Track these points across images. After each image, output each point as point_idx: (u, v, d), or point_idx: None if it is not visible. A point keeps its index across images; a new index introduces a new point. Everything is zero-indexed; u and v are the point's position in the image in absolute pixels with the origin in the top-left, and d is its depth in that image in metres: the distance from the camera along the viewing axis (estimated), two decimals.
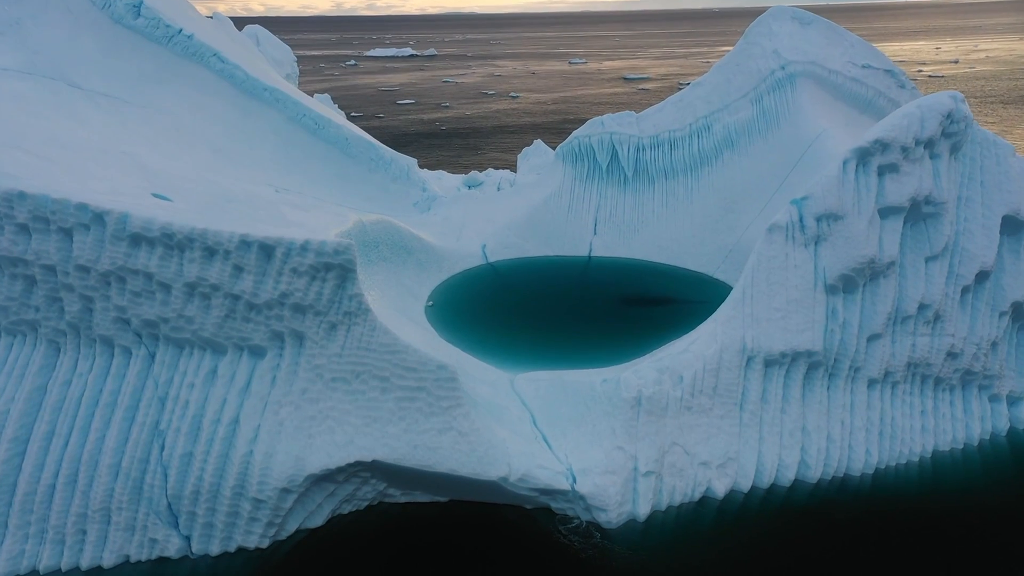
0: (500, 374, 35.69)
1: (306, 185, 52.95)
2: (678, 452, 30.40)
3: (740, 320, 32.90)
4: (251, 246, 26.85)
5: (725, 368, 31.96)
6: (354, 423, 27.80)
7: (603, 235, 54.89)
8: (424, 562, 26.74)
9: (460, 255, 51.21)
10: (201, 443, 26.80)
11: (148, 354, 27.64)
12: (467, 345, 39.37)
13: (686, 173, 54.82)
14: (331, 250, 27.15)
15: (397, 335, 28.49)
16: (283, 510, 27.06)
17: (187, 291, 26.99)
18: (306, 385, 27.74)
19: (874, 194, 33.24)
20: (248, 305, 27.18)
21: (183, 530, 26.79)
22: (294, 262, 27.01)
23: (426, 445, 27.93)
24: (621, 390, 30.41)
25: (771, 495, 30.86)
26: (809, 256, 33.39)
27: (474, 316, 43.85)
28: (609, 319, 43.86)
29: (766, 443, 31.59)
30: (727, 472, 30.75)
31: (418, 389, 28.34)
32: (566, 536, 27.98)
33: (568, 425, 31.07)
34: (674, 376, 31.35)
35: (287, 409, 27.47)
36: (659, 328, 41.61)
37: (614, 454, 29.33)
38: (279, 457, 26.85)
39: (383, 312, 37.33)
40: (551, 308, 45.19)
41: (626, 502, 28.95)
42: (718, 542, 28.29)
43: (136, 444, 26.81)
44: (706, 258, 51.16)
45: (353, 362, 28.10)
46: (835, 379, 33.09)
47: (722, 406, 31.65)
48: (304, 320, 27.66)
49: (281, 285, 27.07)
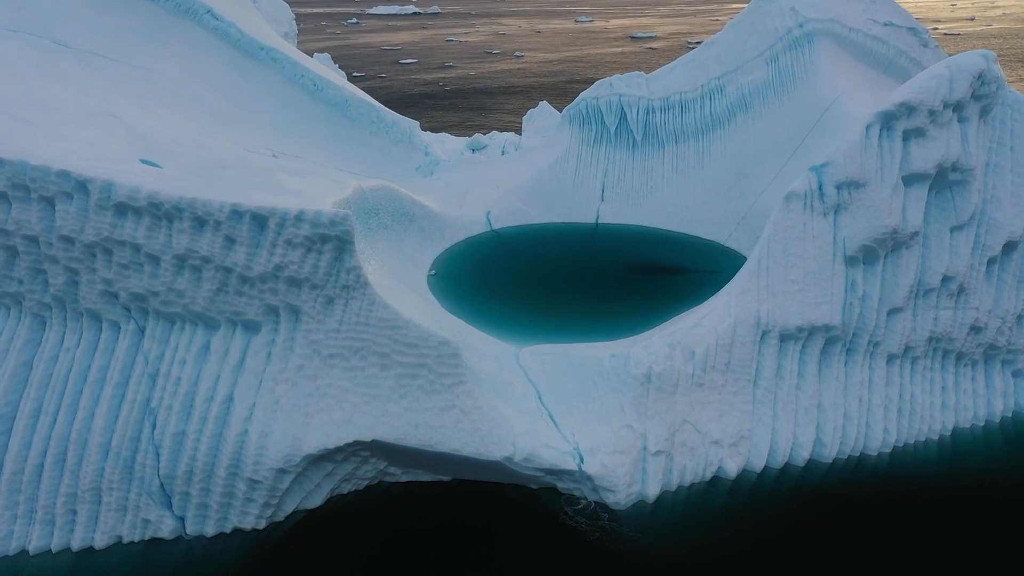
0: (504, 347, 34.61)
1: (304, 149, 51.41)
2: (689, 430, 29.41)
3: (755, 293, 31.66)
4: (243, 216, 25.59)
5: (739, 343, 30.82)
6: (353, 401, 26.80)
7: (611, 201, 53.40)
8: (426, 544, 25.96)
9: (463, 222, 49.85)
10: (194, 421, 25.86)
11: (138, 329, 26.57)
12: (470, 316, 38.26)
13: (697, 137, 53.07)
14: (327, 221, 25.87)
15: (397, 310, 27.33)
16: (280, 491, 26.21)
17: (177, 263, 25.81)
18: (302, 362, 26.69)
19: (898, 160, 31.70)
20: (241, 278, 26.01)
21: (177, 511, 25.99)
22: (288, 233, 25.76)
23: (428, 424, 26.96)
24: (630, 366, 29.31)
25: (785, 475, 29.94)
26: (828, 226, 32.00)
27: (478, 285, 42.68)
28: (617, 289, 42.65)
29: (780, 421, 30.57)
30: (739, 451, 29.80)
31: (419, 366, 27.27)
32: (572, 518, 27.14)
33: (575, 402, 30.06)
34: (685, 351, 30.23)
35: (283, 387, 26.47)
36: (668, 298, 40.43)
37: (623, 433, 28.35)
38: (275, 436, 25.92)
39: (384, 282, 36.18)
40: (557, 277, 43.98)
41: (635, 482, 28.05)
42: (729, 523, 27.45)
43: (127, 422, 25.87)
44: (717, 225, 49.71)
45: (351, 338, 27.01)
46: (853, 355, 31.94)
47: (735, 383, 30.58)
48: (300, 294, 26.50)
49: (275, 257, 25.86)
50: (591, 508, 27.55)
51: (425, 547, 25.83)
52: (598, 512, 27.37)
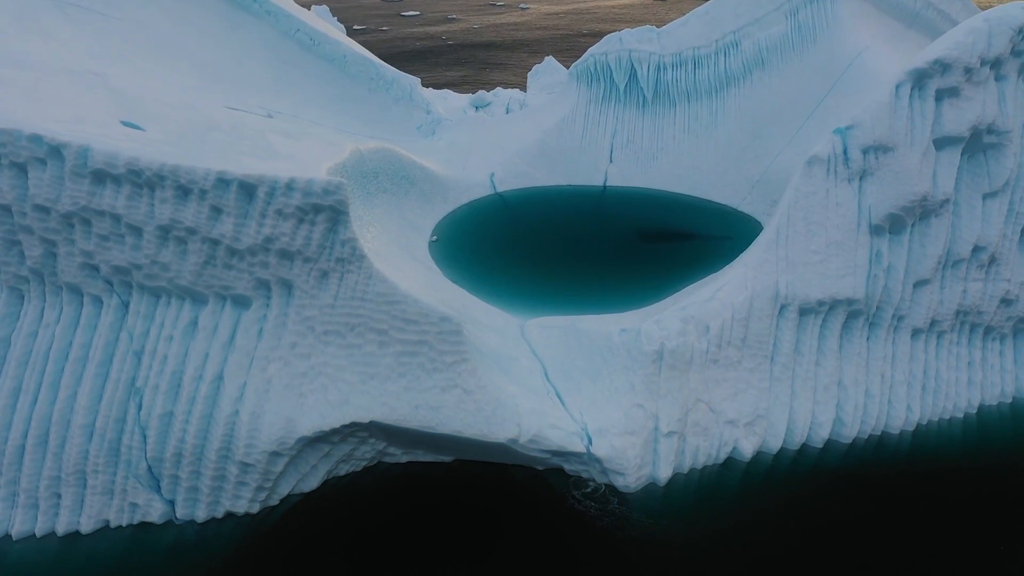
0: (509, 319, 33.22)
1: (300, 108, 49.43)
2: (702, 409, 28.13)
3: (773, 264, 30.09)
4: (230, 185, 23.99)
5: (756, 317, 29.35)
6: (349, 380, 25.51)
7: (619, 163, 51.46)
8: (426, 528, 24.92)
9: (466, 185, 48.09)
10: (182, 402, 24.62)
11: (121, 303, 25.18)
12: (474, 285, 36.81)
13: (711, 95, 50.88)
14: (320, 190, 24.26)
15: (396, 283, 25.87)
16: (273, 474, 25.09)
17: (160, 235, 24.29)
18: (296, 339, 25.33)
19: (930, 122, 29.81)
20: (229, 251, 24.52)
21: (166, 494, 24.92)
22: (279, 203, 24.19)
23: (428, 404, 25.70)
24: (642, 342, 27.92)
25: (802, 455, 28.74)
26: (853, 193, 30.27)
27: (481, 252, 41.14)
28: (626, 256, 41.06)
29: (798, 399, 29.25)
30: (755, 431, 28.54)
31: (419, 343, 25.90)
32: (580, 502, 26.03)
33: (583, 379, 28.74)
34: (700, 326, 28.79)
35: (275, 365, 25.15)
36: (680, 267, 38.88)
37: (633, 413, 27.08)
38: (267, 418, 24.69)
39: (383, 250, 34.68)
40: (563, 244, 42.38)
41: (646, 465, 26.88)
42: (744, 507, 26.35)
43: (111, 402, 24.64)
44: (731, 189, 47.85)
45: (347, 314, 25.60)
46: (876, 329, 30.47)
47: (751, 359, 29.20)
48: (292, 267, 25.02)
49: (265, 229, 24.33)
50: (600, 492, 26.43)
51: (426, 532, 24.79)
52: (607, 496, 26.25)
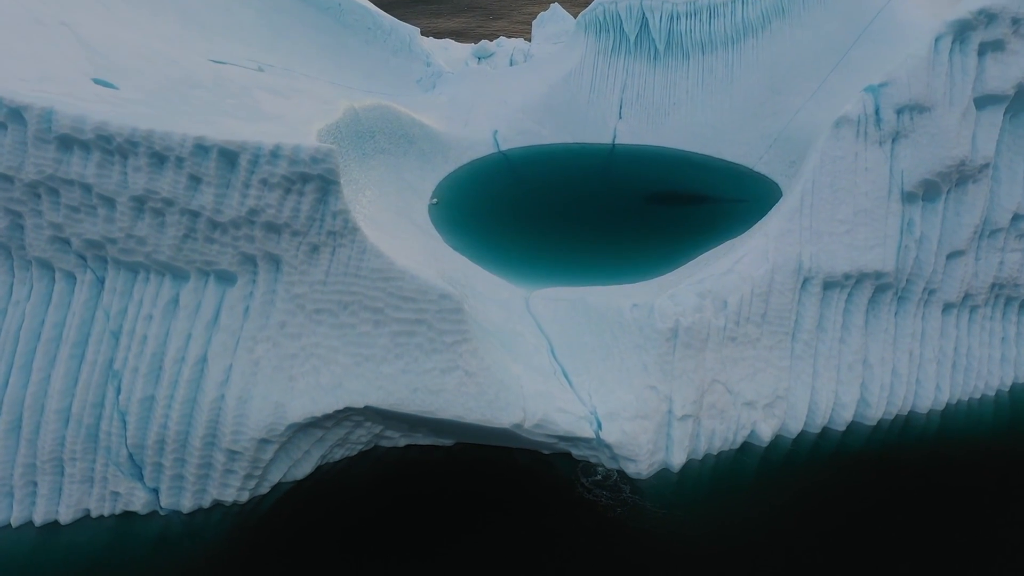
0: (513, 290, 31.50)
1: (293, 60, 46.98)
2: (719, 391, 26.59)
3: (796, 234, 28.24)
4: (209, 152, 22.08)
5: (777, 292, 27.62)
6: (343, 363, 23.93)
7: (629, 120, 49.09)
8: (425, 517, 23.64)
9: (468, 143, 45.86)
10: (163, 386, 23.09)
11: (96, 280, 23.48)
12: (476, 253, 34.99)
13: (726, 46, 48.19)
14: (308, 157, 22.33)
15: (392, 259, 24.10)
16: (263, 461, 23.70)
17: (135, 206, 22.46)
18: (285, 318, 23.68)
19: (971, 79, 27.65)
20: (210, 223, 22.72)
21: (149, 483, 23.57)
22: (263, 172, 22.29)
23: (427, 388, 24.16)
24: (655, 319, 26.24)
25: (824, 439, 27.30)
26: (884, 157, 28.25)
27: (484, 216, 39.23)
28: (635, 220, 39.11)
29: (821, 379, 27.69)
30: (774, 413, 27.04)
31: (417, 322, 24.25)
32: (590, 490, 24.67)
33: (592, 357, 27.15)
34: (717, 302, 27.08)
35: (263, 346, 23.56)
36: (692, 232, 36.93)
37: (646, 395, 25.54)
38: (255, 403, 23.18)
39: (380, 216, 32.81)
40: (570, 206, 40.39)
41: (658, 450, 25.46)
42: (762, 494, 25.02)
43: (88, 386, 23.14)
44: (747, 148, 45.54)
45: (340, 291, 23.90)
46: (905, 303, 28.74)
47: (771, 336, 27.55)
48: (279, 241, 23.25)
49: (249, 200, 22.49)
50: (611, 480, 25.04)
51: (424, 521, 23.50)
52: (618, 484, 24.88)
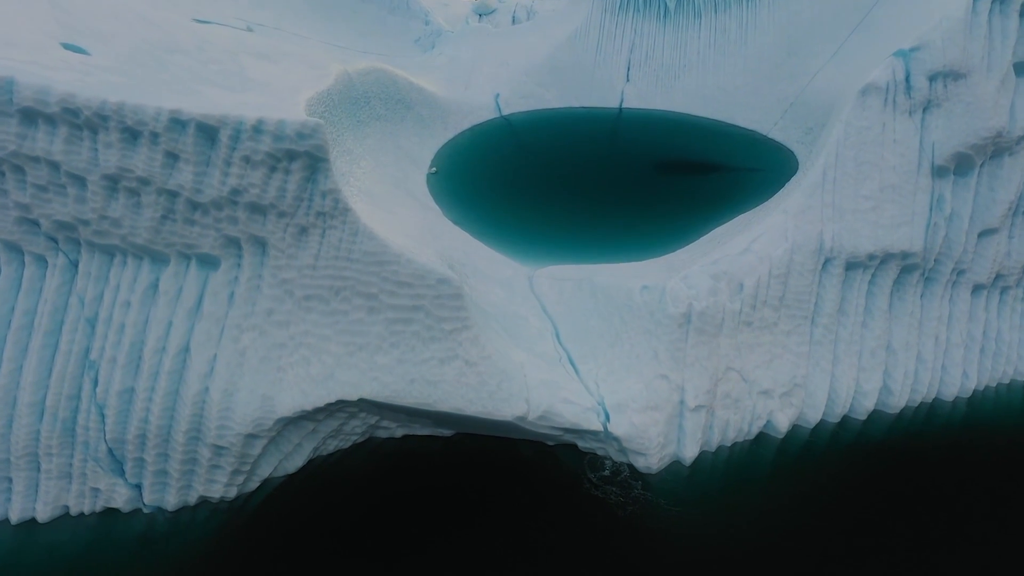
0: (516, 268, 30.05)
1: (284, 18, 44.84)
2: (734, 379, 25.24)
3: (817, 211, 26.62)
4: (186, 127, 20.39)
5: (796, 273, 26.10)
6: (335, 352, 22.55)
7: (637, 82, 47.03)
8: (422, 512, 22.45)
9: (469, 107, 43.94)
10: (143, 377, 21.74)
11: (69, 264, 21.99)
12: (477, 227, 33.46)
13: (740, 5, 45.94)
14: (293, 133, 20.66)
15: (387, 241, 22.55)
16: (251, 457, 22.46)
17: (108, 185, 20.86)
18: (272, 305, 22.23)
19: (1012, 44, 25.72)
20: (190, 204, 21.13)
21: (130, 479, 22.37)
22: (245, 148, 20.64)
23: (425, 379, 22.81)
24: (667, 304, 24.77)
25: (844, 428, 26.05)
26: (914, 128, 26.47)
27: (485, 186, 37.58)
28: (644, 191, 37.45)
29: (841, 365, 26.32)
30: (792, 402, 25.74)
31: (414, 309, 22.80)
32: (597, 486, 23.45)
33: (599, 343, 25.76)
34: (732, 284, 25.58)
35: (250, 335, 22.15)
36: (704, 205, 35.37)
37: (656, 385, 24.21)
38: (242, 396, 21.86)
39: (375, 189, 31.18)
40: (575, 176, 38.67)
41: (669, 443, 24.20)
42: (779, 488, 23.82)
43: (62, 378, 21.79)
44: (761, 113, 43.62)
45: (331, 276, 22.41)
46: (932, 285, 27.23)
47: (789, 320, 26.11)
48: (265, 223, 21.69)
49: (231, 179, 20.87)
50: (620, 476, 23.79)
51: (422, 517, 22.31)
52: (628, 481, 23.63)
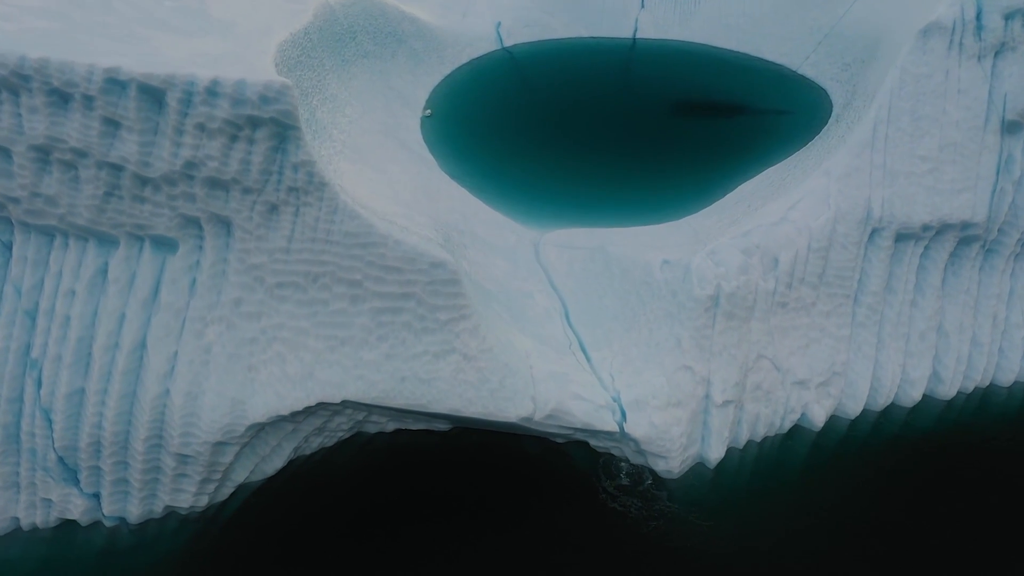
0: (520, 233, 27.18)
1: None
2: (765, 368, 22.67)
3: (865, 174, 23.56)
4: (126, 88, 17.21)
5: (839, 246, 23.23)
6: (314, 348, 19.87)
7: (653, 9, 42.80)
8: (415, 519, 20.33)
9: (467, 39, 39.98)
10: (94, 378, 19.15)
11: (2, 247, 19.11)
12: (476, 182, 30.38)
13: None
14: (256, 96, 17.46)
15: (372, 219, 19.56)
16: (221, 465, 20.08)
17: (37, 158, 17.82)
18: (240, 294, 19.43)
19: None
20: (138, 179, 18.12)
21: (86, 488, 20.04)
22: (199, 114, 17.48)
23: (418, 376, 20.22)
24: (692, 284, 21.95)
25: (887, 419, 23.69)
26: (983, 76, 23.14)
27: (485, 131, 34.21)
28: (661, 138, 34.04)
29: (886, 350, 23.73)
30: (829, 392, 23.26)
31: (404, 297, 20.01)
32: (614, 497, 21.11)
33: (614, 326, 23.09)
34: (766, 259, 22.73)
35: (215, 329, 19.44)
36: (728, 153, 32.08)
37: (679, 378, 21.64)
38: (208, 399, 19.30)
39: (363, 141, 27.91)
40: (584, 121, 35.18)
41: (693, 444, 21.81)
42: (814, 490, 21.63)
43: (0, 379, 19.20)
44: (791, 45, 39.57)
45: (307, 260, 19.53)
46: (992, 258, 24.38)
47: (829, 299, 23.37)
48: (228, 200, 18.69)
49: (184, 150, 17.80)
50: (643, 487, 21.37)
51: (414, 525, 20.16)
52: (651, 492, 21.23)
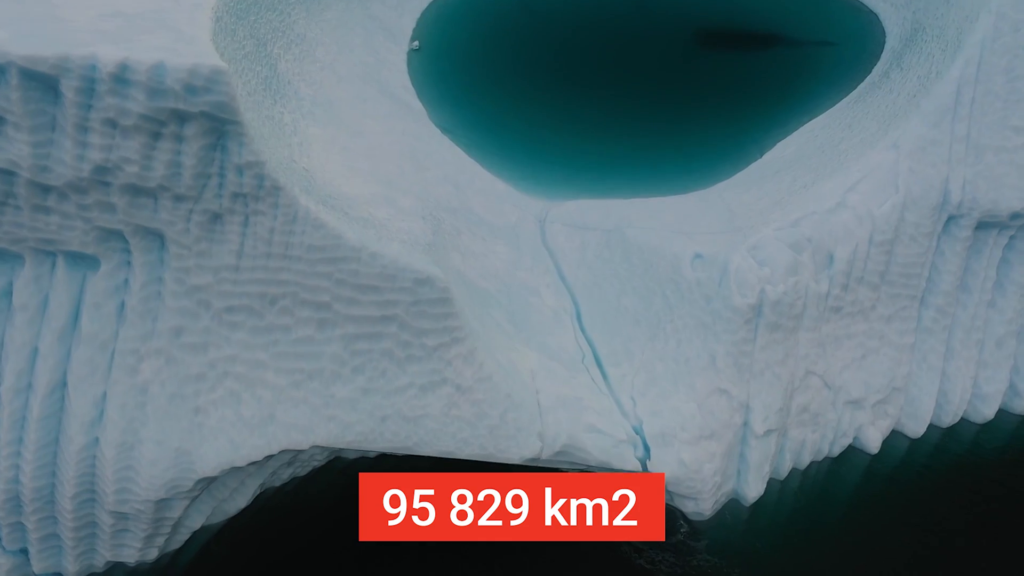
0: (523, 207, 23.91)
1: None
2: (814, 387, 19.60)
3: (944, 148, 20.02)
4: (5, 74, 13.31)
5: (907, 237, 19.82)
6: (274, 384, 16.62)
7: None
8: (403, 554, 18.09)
9: None
10: (3, 426, 15.96)
11: None
12: (472, 136, 27.00)
13: None
14: (178, 86, 13.56)
15: (340, 229, 15.92)
16: (169, 520, 17.25)
17: None
18: (181, 321, 16.00)
19: None
20: (36, 186, 14.41)
21: (8, 545, 17.26)
22: (106, 108, 13.67)
23: (402, 414, 17.07)
24: (731, 289, 18.54)
25: (953, 440, 21.03)
26: None
27: (480, 67, 30.57)
28: (685, 77, 30.15)
29: (956, 359, 20.71)
30: (887, 411, 20.33)
31: (383, 320, 16.61)
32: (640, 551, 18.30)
33: (635, 333, 19.87)
34: (819, 256, 19.31)
35: (152, 364, 16.10)
36: (762, 98, 28.43)
37: (713, 403, 18.57)
38: (147, 450, 16.17)
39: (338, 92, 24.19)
40: (594, 57, 31.05)
41: (728, 480, 18.99)
42: (865, 523, 19.14)
43: None
44: None
45: (262, 280, 16.04)
46: None
47: (892, 301, 20.10)
48: (156, 211, 15.03)
49: (92, 152, 14.08)
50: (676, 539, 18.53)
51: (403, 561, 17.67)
52: (687, 544, 18.39)
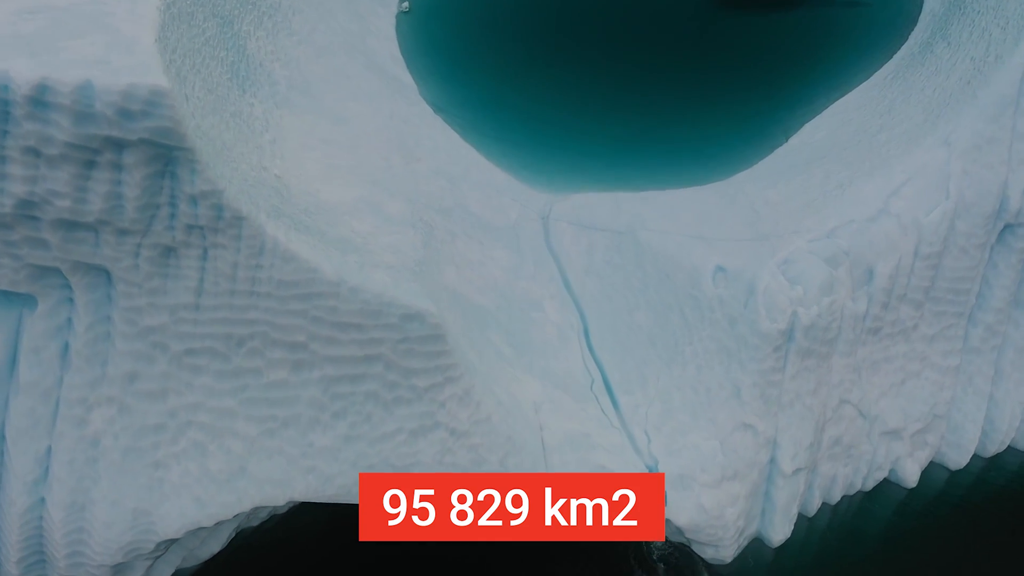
0: (524, 201, 22.15)
1: None
2: (847, 417, 17.89)
3: (1003, 147, 18.24)
4: None
5: (957, 248, 17.95)
6: (245, 434, 14.81)
7: None
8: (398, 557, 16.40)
9: None
10: None
11: None
12: (467, 116, 25.04)
13: None
14: (110, 111, 11.41)
15: (316, 258, 13.90)
16: None
17: None
18: (135, 365, 14.12)
19: None
20: None
21: None
22: (25, 135, 11.56)
23: (390, 463, 15.36)
24: (759, 312, 16.65)
25: (998, 471, 19.50)
26: None
27: (476, 33, 28.46)
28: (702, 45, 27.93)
29: (1006, 381, 19.09)
30: (927, 440, 18.70)
31: (368, 360, 14.75)
32: None
33: (650, 355, 18.09)
34: (858, 271, 17.42)
35: (103, 413, 14.29)
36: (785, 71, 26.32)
37: (737, 440, 16.87)
38: (100, 511, 14.45)
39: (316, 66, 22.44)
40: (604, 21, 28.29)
41: (752, 522, 17.37)
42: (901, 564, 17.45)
43: None
44: None
45: (226, 320, 14.10)
46: None
47: (936, 320, 18.28)
48: (97, 246, 13.01)
49: (13, 184, 11.99)
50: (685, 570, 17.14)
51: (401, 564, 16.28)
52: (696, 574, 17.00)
